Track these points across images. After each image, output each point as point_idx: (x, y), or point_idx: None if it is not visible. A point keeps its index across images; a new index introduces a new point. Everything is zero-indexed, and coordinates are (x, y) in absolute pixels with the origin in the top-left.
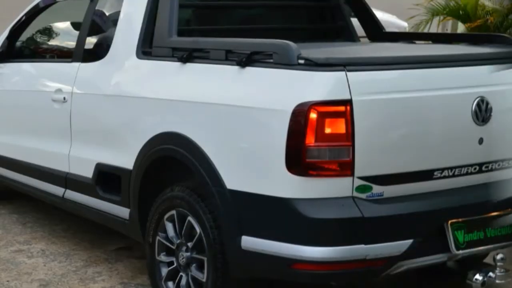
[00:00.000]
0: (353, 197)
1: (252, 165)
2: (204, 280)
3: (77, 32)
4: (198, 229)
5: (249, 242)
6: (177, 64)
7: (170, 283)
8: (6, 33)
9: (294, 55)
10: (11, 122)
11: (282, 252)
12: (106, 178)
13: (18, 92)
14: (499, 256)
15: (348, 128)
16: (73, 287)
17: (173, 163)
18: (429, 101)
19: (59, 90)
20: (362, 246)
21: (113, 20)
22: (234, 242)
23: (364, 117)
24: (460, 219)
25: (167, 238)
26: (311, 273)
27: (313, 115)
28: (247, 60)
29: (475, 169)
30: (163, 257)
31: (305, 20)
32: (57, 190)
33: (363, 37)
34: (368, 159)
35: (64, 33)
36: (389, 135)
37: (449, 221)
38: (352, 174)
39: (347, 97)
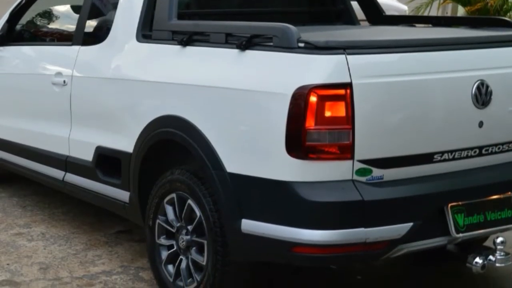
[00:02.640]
0: (353, 180)
1: (252, 149)
2: (204, 263)
3: (77, 15)
4: (198, 212)
5: (249, 225)
6: (177, 47)
7: (170, 266)
8: (6, 16)
9: (294, 38)
10: (11, 105)
11: (282, 235)
12: (106, 161)
13: (18, 75)
14: (499, 240)
15: (348, 111)
16: (73, 270)
17: (173, 146)
18: (429, 84)
19: (59, 74)
20: (362, 229)
21: (113, 3)
22: (234, 225)
23: (364, 100)
24: (460, 202)
25: (167, 221)
26: (311, 256)
27: (313, 98)
28: (247, 43)
29: (475, 152)
30: (163, 240)
31: (305, 3)
32: (57, 173)
33: (363, 20)
34: (368, 142)
35: (64, 16)
36: (389, 118)
37: (449, 204)
38: (352, 157)
39: (347, 80)
